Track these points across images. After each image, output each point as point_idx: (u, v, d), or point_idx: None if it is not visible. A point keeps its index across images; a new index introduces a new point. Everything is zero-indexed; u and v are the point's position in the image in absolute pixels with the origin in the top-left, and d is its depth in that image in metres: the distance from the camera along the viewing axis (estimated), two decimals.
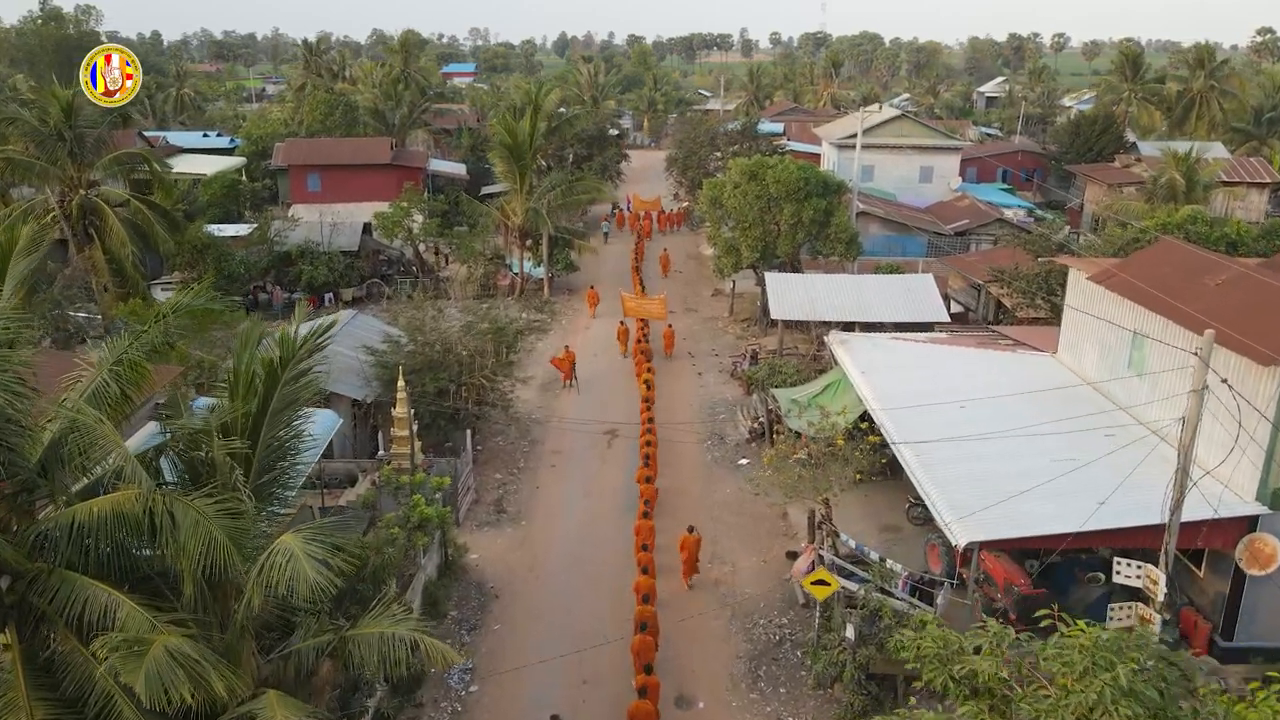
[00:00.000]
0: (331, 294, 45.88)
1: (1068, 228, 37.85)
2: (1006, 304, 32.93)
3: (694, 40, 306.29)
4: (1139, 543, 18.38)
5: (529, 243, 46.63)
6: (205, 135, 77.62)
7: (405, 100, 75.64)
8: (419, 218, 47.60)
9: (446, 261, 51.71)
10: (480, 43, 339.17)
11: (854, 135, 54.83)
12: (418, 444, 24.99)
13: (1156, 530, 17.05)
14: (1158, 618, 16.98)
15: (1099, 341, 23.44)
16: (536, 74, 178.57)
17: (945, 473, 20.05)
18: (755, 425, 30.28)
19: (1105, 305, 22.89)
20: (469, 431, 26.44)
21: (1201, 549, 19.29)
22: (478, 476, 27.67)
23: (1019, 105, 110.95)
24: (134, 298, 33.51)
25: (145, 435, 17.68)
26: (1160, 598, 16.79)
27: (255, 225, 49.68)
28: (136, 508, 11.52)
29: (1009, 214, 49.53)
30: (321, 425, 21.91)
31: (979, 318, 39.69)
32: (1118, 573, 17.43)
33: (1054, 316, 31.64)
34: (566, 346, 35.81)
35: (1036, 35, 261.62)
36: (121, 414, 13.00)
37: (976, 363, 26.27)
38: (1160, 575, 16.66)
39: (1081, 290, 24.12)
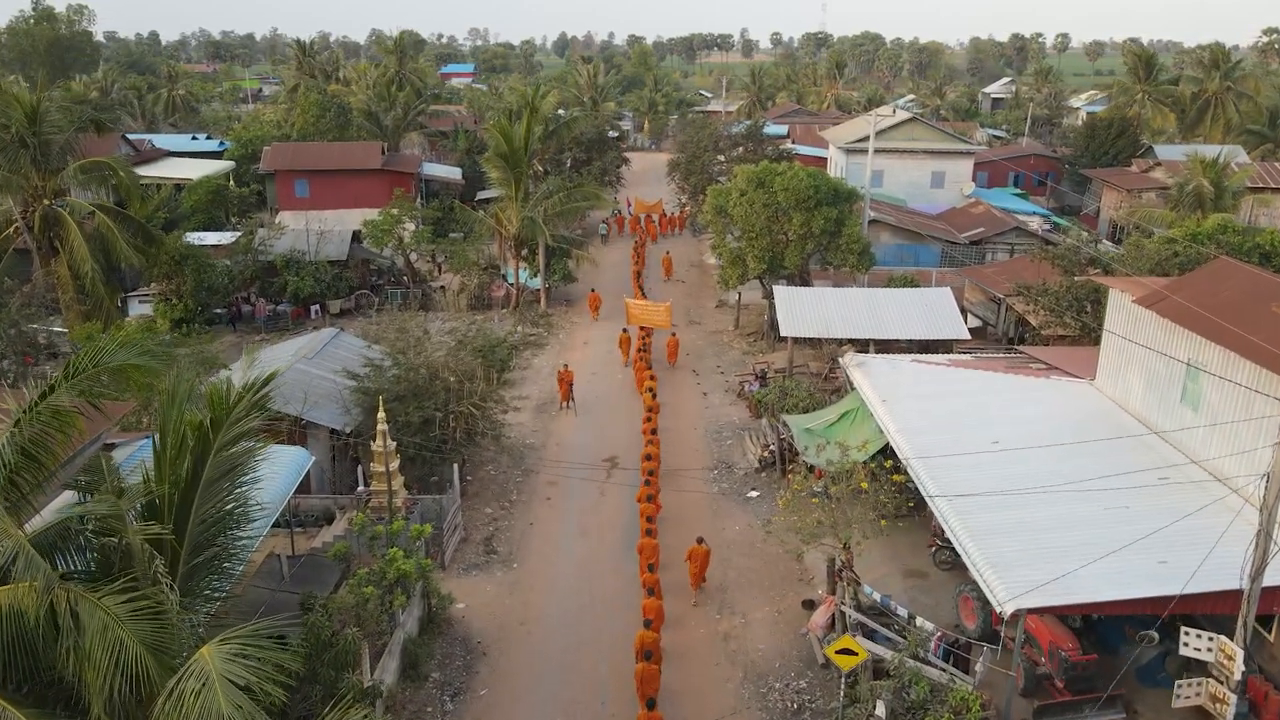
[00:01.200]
0: (318, 306, 43.82)
1: (1101, 239, 35.44)
2: (1032, 322, 30.84)
3: (694, 40, 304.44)
4: (1205, 608, 16.34)
5: (525, 252, 44.53)
6: (194, 138, 75.59)
7: (399, 102, 73.65)
8: (410, 226, 45.55)
9: (440, 271, 49.67)
10: (480, 43, 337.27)
11: (863, 139, 52.78)
12: (399, 480, 22.97)
13: (1228, 595, 15.05)
14: (1232, 697, 14.96)
15: (1146, 370, 21.36)
16: (536, 74, 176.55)
17: (982, 521, 17.97)
18: (765, 454, 28.21)
19: (1154, 331, 20.83)
20: (456, 465, 24.35)
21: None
22: (466, 512, 25.59)
23: (1026, 107, 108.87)
24: (99, 316, 31.54)
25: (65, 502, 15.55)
26: (1236, 675, 14.75)
27: (240, 233, 47.69)
28: (33, 605, 9.51)
29: (1031, 222, 47.37)
30: (291, 465, 19.86)
31: (999, 334, 37.58)
32: (1185, 645, 15.36)
33: (1084, 335, 29.62)
34: (565, 365, 33.70)
35: (1040, 36, 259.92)
36: (29, 485, 10.96)
37: (1008, 390, 24.19)
38: (1237, 650, 14.62)
39: (1126, 314, 22.05)
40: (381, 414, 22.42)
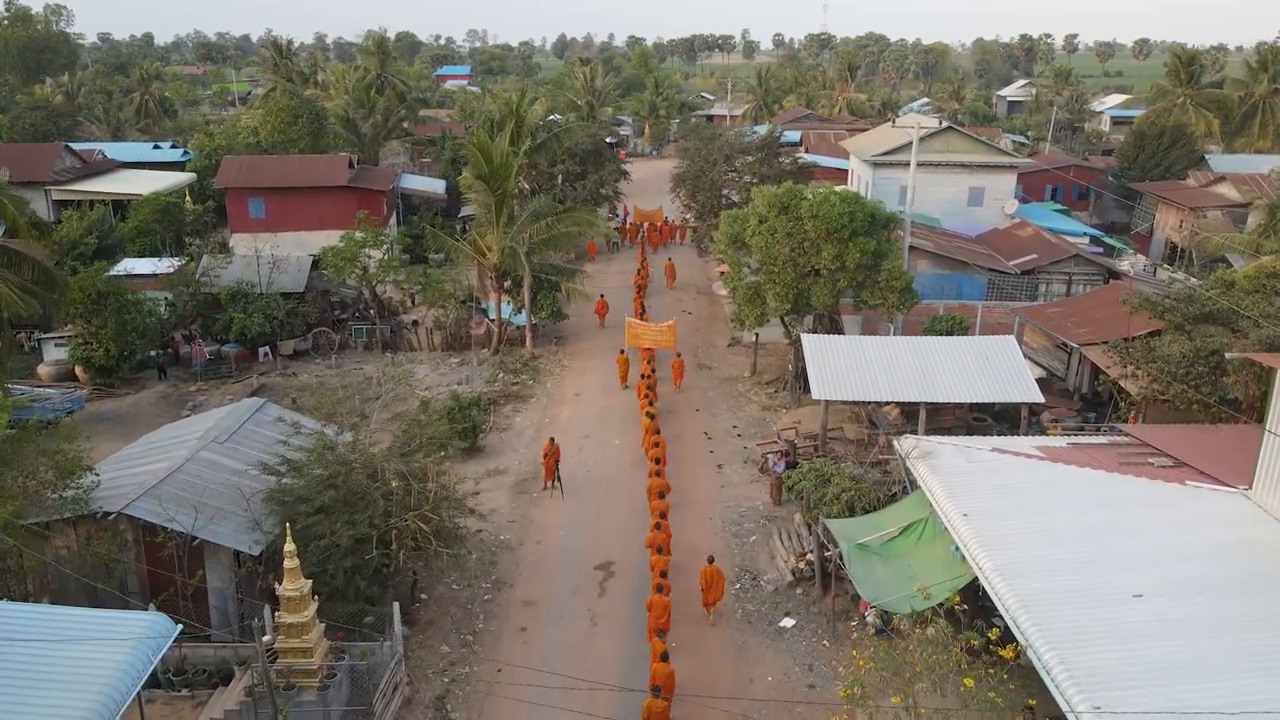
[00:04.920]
0: (268, 347, 37.79)
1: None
2: (1130, 390, 24.76)
3: (695, 42, 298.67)
4: None
5: (508, 284, 38.52)
6: (156, 147, 69.58)
7: (379, 108, 67.72)
8: (376, 253, 39.52)
9: (413, 302, 43.63)
10: (478, 44, 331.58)
11: (893, 151, 47.07)
12: (317, 630, 16.99)
13: None
14: None
15: None
16: (534, 76, 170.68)
17: None
18: (802, 565, 22.17)
19: None
20: (396, 605, 18.29)
21: None
22: (417, 650, 19.64)
23: (1048, 111, 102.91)
24: None
25: None
26: None
27: (185, 259, 41.78)
28: None
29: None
30: (135, 653, 13.78)
31: (1070, 389, 31.66)
32: None
33: (1195, 406, 23.56)
34: (550, 438, 27.56)
35: (1048, 36, 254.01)
36: None
37: (1133, 504, 18.17)
38: None
39: None
40: (290, 545, 16.43)
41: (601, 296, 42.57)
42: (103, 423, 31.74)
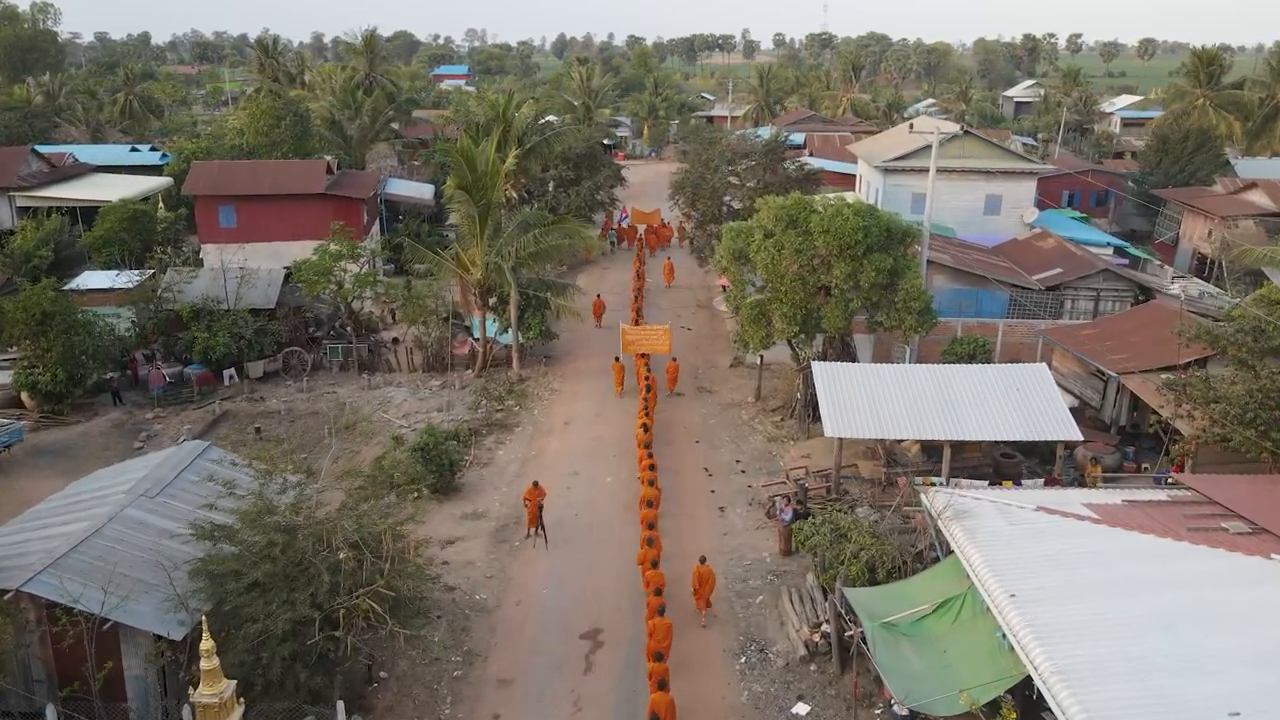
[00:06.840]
0: (234, 369, 35.03)
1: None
2: (1183, 430, 22.00)
3: (695, 41, 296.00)
4: None
5: (493, 301, 35.76)
6: (134, 149, 66.77)
7: (366, 109, 64.95)
8: (352, 266, 36.75)
9: (394, 318, 40.85)
10: (477, 44, 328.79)
11: (904, 157, 44.37)
12: None
13: None
14: None
15: None
16: (532, 76, 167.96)
17: None
18: (817, 638, 19.40)
19: None
20: (342, 703, 15.50)
21: None
22: None
23: (1056, 112, 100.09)
24: None
25: None
26: None
27: (149, 272, 38.99)
28: None
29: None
30: None
31: (1107, 421, 28.91)
32: None
33: (1265, 453, 20.80)
34: (535, 482, 24.71)
35: (1052, 36, 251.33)
36: None
37: (1209, 583, 15.41)
38: None
39: None
40: (206, 642, 13.67)
41: (599, 296, 42.52)
42: (45, 456, 29.02)
